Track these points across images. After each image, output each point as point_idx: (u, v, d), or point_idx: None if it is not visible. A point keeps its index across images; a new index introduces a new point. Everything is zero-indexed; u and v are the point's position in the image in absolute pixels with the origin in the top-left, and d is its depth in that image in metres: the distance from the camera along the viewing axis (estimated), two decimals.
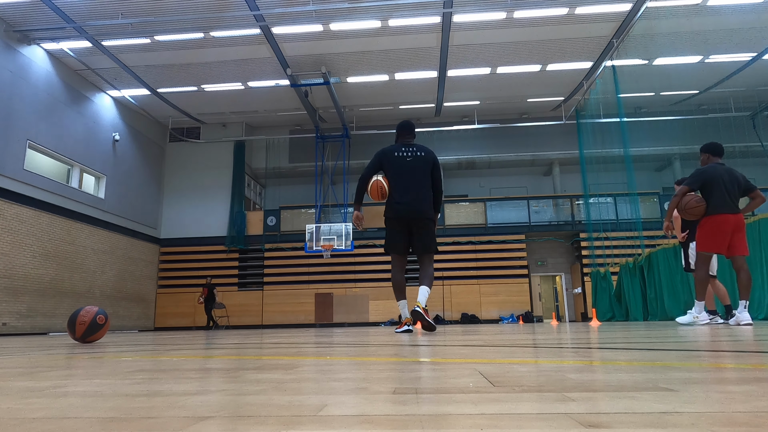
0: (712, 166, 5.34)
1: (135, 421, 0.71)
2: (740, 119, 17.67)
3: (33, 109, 13.27)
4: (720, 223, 5.18)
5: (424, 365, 1.45)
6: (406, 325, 4.80)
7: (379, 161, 4.98)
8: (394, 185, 4.85)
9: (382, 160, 4.96)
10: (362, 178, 4.97)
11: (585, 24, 13.44)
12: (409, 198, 4.78)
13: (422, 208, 4.81)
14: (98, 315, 3.87)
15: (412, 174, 4.83)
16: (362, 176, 4.98)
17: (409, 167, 4.85)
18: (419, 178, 4.84)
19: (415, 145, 5.01)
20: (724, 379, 1.03)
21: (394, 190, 4.85)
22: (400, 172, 4.85)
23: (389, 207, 4.85)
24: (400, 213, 4.78)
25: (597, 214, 17.45)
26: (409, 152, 4.92)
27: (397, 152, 4.93)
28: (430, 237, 4.89)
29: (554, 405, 0.75)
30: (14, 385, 1.18)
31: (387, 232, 4.97)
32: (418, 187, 4.83)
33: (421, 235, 4.84)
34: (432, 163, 4.94)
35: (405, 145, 4.98)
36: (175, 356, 2.22)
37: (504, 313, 17.79)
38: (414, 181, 4.82)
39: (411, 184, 4.81)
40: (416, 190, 4.81)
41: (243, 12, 12.50)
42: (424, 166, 4.91)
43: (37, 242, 13.18)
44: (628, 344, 2.37)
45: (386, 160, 4.93)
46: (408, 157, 4.89)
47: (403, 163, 4.87)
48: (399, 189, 4.82)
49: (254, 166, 20.94)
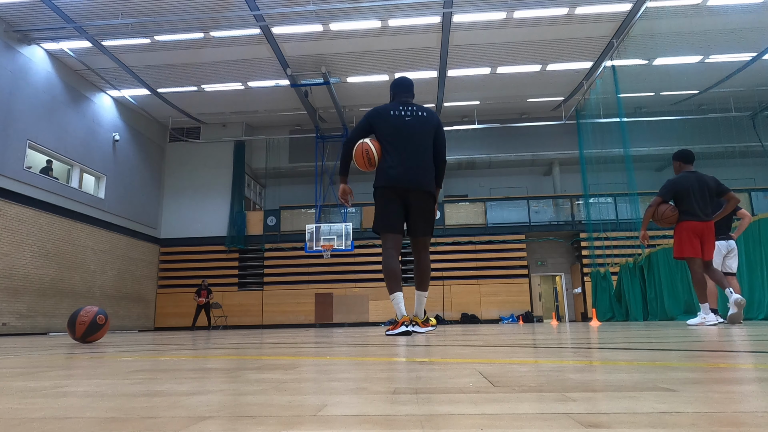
0: (683, 175, 5.63)
1: (135, 421, 0.71)
2: (740, 119, 17.67)
3: (33, 109, 13.27)
4: (688, 229, 5.47)
5: (424, 365, 1.45)
6: (403, 324, 3.91)
7: (369, 122, 4.13)
8: (389, 149, 4.00)
9: (373, 119, 4.11)
10: (347, 142, 4.13)
11: (585, 24, 13.44)
12: (407, 164, 3.96)
13: (423, 177, 3.99)
14: (98, 315, 3.87)
15: (411, 137, 4.01)
16: (347, 139, 4.14)
17: (407, 129, 4.03)
18: (420, 143, 4.03)
19: (416, 105, 4.19)
20: (724, 379, 1.03)
21: (389, 155, 3.99)
22: (397, 134, 4.01)
23: (381, 174, 4.00)
24: (395, 181, 3.92)
25: (597, 214, 17.46)
26: (408, 111, 4.11)
27: (393, 111, 4.10)
28: (430, 216, 4.09)
29: (554, 405, 0.75)
30: (14, 385, 1.18)
31: (378, 206, 4.07)
32: (419, 152, 4.01)
33: (420, 212, 4.03)
34: (436, 127, 4.15)
35: (403, 104, 4.16)
36: (175, 356, 2.22)
37: (504, 313, 17.79)
38: (413, 145, 4.00)
39: (410, 148, 3.99)
40: (416, 156, 3.99)
41: (243, 12, 12.50)
42: (427, 130, 4.08)
43: (37, 242, 13.18)
44: (628, 344, 2.37)
45: (379, 119, 4.09)
46: (407, 117, 4.07)
47: (400, 124, 4.04)
48: (395, 153, 3.98)
49: (254, 166, 20.94)
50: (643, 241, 6.00)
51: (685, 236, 5.46)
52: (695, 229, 5.43)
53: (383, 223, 4.06)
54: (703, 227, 5.43)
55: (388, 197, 4.01)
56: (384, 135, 4.05)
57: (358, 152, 4.04)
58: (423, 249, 4.20)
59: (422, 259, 4.21)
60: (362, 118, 4.20)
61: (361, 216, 19.06)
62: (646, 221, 5.77)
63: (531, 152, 20.14)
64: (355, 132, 4.18)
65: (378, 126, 4.10)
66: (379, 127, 4.09)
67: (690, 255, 5.44)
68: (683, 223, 5.48)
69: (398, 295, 4.05)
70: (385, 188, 4.00)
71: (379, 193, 4.06)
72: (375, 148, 4.02)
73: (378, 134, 4.08)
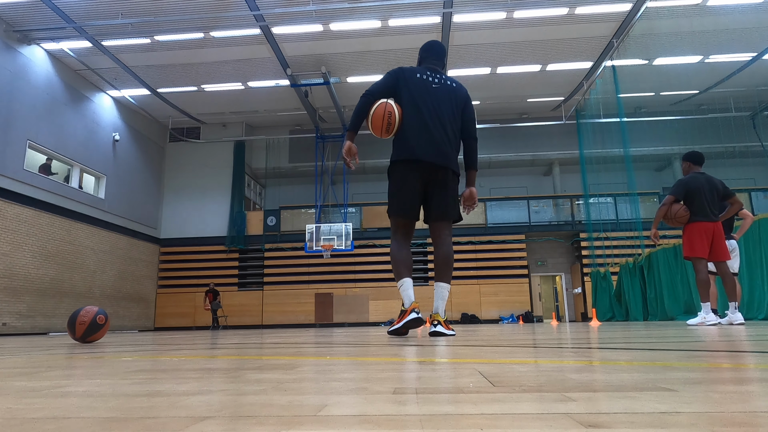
0: (693, 176, 5.70)
1: (135, 421, 0.71)
2: (740, 119, 17.67)
3: (33, 109, 13.28)
4: (700, 229, 5.53)
5: (424, 365, 1.45)
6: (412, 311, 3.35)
7: (394, 80, 3.58)
8: (412, 117, 3.47)
9: (398, 79, 3.57)
10: (367, 95, 3.52)
11: (585, 24, 13.44)
12: (433, 136, 3.44)
13: (450, 154, 3.48)
14: (98, 315, 3.87)
15: (437, 106, 3.51)
16: (368, 92, 3.53)
17: (435, 97, 3.53)
18: (447, 113, 3.52)
19: (445, 75, 3.71)
20: (724, 379, 1.03)
21: (411, 124, 3.46)
22: (422, 101, 3.50)
23: (401, 146, 3.48)
24: (418, 155, 3.39)
25: (597, 214, 17.46)
26: (436, 78, 3.61)
27: (420, 74, 3.60)
28: (453, 198, 3.57)
29: (554, 405, 0.75)
30: (14, 385, 1.18)
31: (393, 184, 3.53)
32: (445, 125, 3.50)
33: (445, 193, 3.50)
34: (465, 100, 3.66)
35: (431, 70, 3.66)
36: (175, 356, 2.22)
37: (504, 313, 17.79)
38: (439, 115, 3.49)
39: (435, 118, 3.48)
40: (443, 129, 3.48)
41: (243, 12, 12.50)
42: (455, 100, 3.59)
43: (37, 242, 13.18)
44: (628, 344, 2.37)
45: (404, 80, 3.56)
46: (434, 84, 3.58)
47: (426, 90, 3.54)
48: (418, 123, 3.46)
49: (254, 166, 20.94)
50: (654, 239, 6.06)
51: (696, 236, 5.53)
52: (706, 230, 5.52)
53: (398, 205, 3.50)
54: (713, 228, 5.54)
55: (407, 174, 3.45)
56: (407, 100, 3.51)
57: (379, 112, 3.45)
58: (445, 235, 3.57)
59: (445, 243, 3.56)
60: (386, 75, 3.63)
61: (361, 216, 19.06)
62: (658, 220, 5.83)
63: (531, 152, 20.14)
64: (378, 87, 3.56)
65: (402, 87, 3.55)
66: (403, 89, 3.54)
67: (700, 255, 5.52)
68: (694, 223, 5.56)
69: (407, 281, 3.46)
70: (406, 163, 3.44)
71: (397, 169, 3.48)
72: (398, 114, 3.48)
73: (400, 98, 3.53)
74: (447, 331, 3.39)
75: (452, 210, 3.58)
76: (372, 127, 3.51)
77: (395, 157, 3.51)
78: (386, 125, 3.46)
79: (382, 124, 3.46)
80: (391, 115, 3.45)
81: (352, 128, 3.53)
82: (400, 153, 3.47)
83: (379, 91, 3.54)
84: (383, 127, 3.47)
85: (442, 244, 3.57)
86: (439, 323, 3.39)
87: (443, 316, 3.44)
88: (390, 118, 3.45)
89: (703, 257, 5.53)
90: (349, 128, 3.54)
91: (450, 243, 3.60)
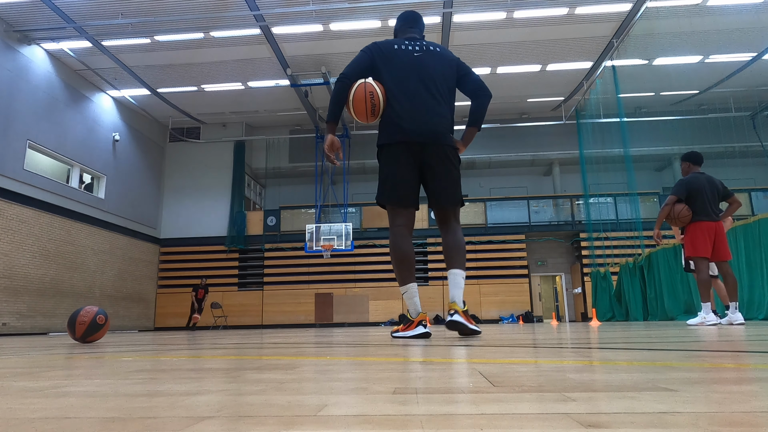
0: (694, 176, 5.74)
1: (135, 421, 0.71)
2: (740, 119, 17.67)
3: (33, 109, 13.28)
4: (702, 229, 5.58)
5: (424, 365, 1.45)
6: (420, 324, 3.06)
7: (369, 56, 3.21)
8: (396, 94, 3.12)
9: (374, 54, 3.21)
10: (342, 78, 3.15)
11: (585, 24, 13.44)
12: (422, 112, 3.09)
13: (443, 129, 3.13)
14: (98, 315, 3.87)
15: (423, 75, 3.15)
16: (342, 75, 3.17)
17: (419, 66, 3.17)
18: (436, 82, 3.16)
19: (426, 41, 3.35)
20: (724, 379, 1.03)
21: (396, 101, 3.11)
22: (404, 74, 3.14)
23: (388, 127, 3.12)
24: (408, 134, 3.06)
25: (597, 214, 17.46)
26: (416, 45, 3.26)
27: (398, 45, 3.24)
28: (456, 178, 3.19)
29: (554, 405, 0.75)
30: (14, 385, 1.18)
31: (384, 170, 3.16)
32: (435, 96, 3.14)
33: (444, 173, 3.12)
34: (456, 63, 3.33)
35: (410, 39, 3.31)
36: (175, 356, 2.22)
37: (504, 313, 17.79)
38: (427, 85, 3.14)
39: (423, 89, 3.13)
40: (432, 101, 3.12)
41: (243, 12, 12.51)
42: (443, 67, 3.23)
43: (37, 242, 13.18)
44: (628, 344, 2.37)
45: (381, 55, 3.20)
46: (416, 52, 3.22)
47: (409, 60, 3.18)
48: (404, 99, 3.10)
49: (254, 166, 20.94)
50: (657, 240, 6.08)
51: (699, 236, 5.57)
52: (708, 229, 5.57)
53: (392, 193, 3.12)
54: (715, 227, 5.58)
55: (398, 158, 3.09)
56: (389, 75, 3.15)
57: (359, 95, 3.10)
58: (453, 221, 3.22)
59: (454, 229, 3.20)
60: (360, 52, 3.25)
61: (361, 216, 19.06)
62: (661, 220, 5.85)
63: (531, 152, 20.14)
64: (352, 67, 3.18)
65: (380, 64, 3.18)
66: (381, 65, 3.18)
67: (703, 254, 5.55)
68: (697, 223, 5.60)
69: (412, 287, 3.12)
70: (396, 145, 3.09)
71: (387, 153, 3.14)
72: (381, 92, 3.13)
73: (380, 75, 3.18)
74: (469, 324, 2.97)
75: (456, 192, 3.18)
76: (355, 113, 3.16)
77: (383, 141, 3.15)
78: (370, 108, 3.11)
79: (365, 107, 3.10)
80: (374, 95, 3.09)
81: (332, 118, 3.17)
82: (388, 136, 3.11)
83: (355, 72, 3.17)
84: (367, 110, 3.11)
85: (450, 231, 3.20)
86: (457, 312, 2.98)
87: (462, 306, 3.02)
88: (373, 98, 3.09)
89: (705, 257, 5.55)
90: (327, 119, 3.18)
91: (459, 229, 3.22)
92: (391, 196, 3.14)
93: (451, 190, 3.15)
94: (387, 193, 3.15)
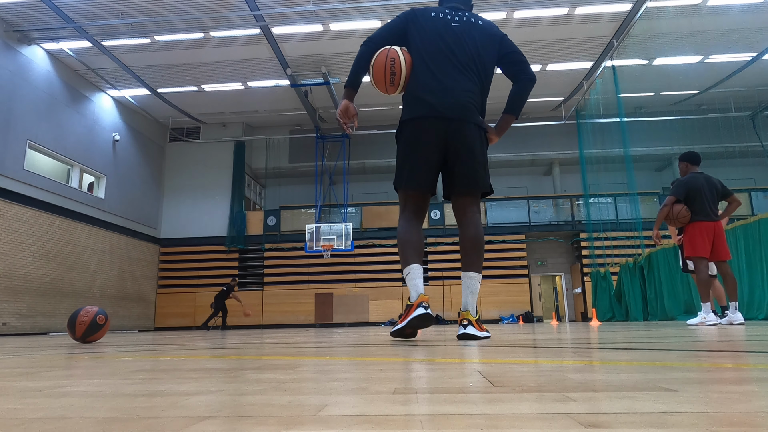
0: (693, 176, 5.74)
1: (135, 421, 0.71)
2: (740, 119, 17.68)
3: (33, 109, 13.28)
4: (701, 229, 5.59)
5: (424, 365, 1.45)
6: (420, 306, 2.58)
7: (403, 23, 2.94)
8: (426, 64, 2.83)
9: (408, 21, 2.93)
10: (368, 42, 2.90)
11: (585, 24, 13.44)
12: (450, 86, 2.79)
13: (470, 105, 2.84)
14: (98, 315, 3.87)
15: (457, 48, 2.83)
16: (369, 39, 2.91)
17: (453, 37, 2.85)
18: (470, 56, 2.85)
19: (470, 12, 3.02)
20: (724, 379, 1.03)
21: (424, 73, 2.82)
22: (436, 45, 2.84)
23: (412, 101, 2.84)
24: (433, 109, 2.76)
25: (597, 214, 17.46)
26: (456, 16, 2.93)
27: (436, 13, 2.94)
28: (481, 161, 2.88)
29: (554, 405, 0.75)
30: (14, 385, 1.18)
31: (403, 149, 2.89)
32: (469, 71, 2.85)
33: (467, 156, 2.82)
34: (500, 38, 2.96)
35: (452, 8, 2.97)
36: (175, 356, 2.22)
37: (504, 313, 17.79)
38: (460, 59, 2.83)
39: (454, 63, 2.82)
40: (464, 76, 2.83)
41: (243, 12, 12.51)
42: (483, 40, 2.90)
43: (37, 242, 13.18)
44: (628, 344, 2.37)
45: (415, 23, 2.91)
46: (454, 22, 2.90)
47: (444, 30, 2.86)
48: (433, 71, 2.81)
49: (254, 166, 20.94)
50: (656, 240, 6.08)
51: (698, 236, 5.58)
52: (708, 229, 5.57)
53: (409, 174, 2.84)
54: (714, 227, 5.59)
55: (420, 135, 2.80)
56: (420, 45, 2.86)
57: (380, 61, 2.83)
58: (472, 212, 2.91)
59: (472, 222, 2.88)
60: (396, 17, 2.98)
61: (361, 216, 19.06)
62: (660, 221, 5.85)
63: (531, 152, 20.15)
64: (381, 32, 2.93)
65: (413, 32, 2.89)
66: (414, 33, 2.89)
67: (702, 254, 5.56)
68: (696, 223, 5.61)
69: (415, 267, 2.79)
70: (418, 121, 2.80)
71: (408, 130, 2.85)
72: (405, 61, 2.84)
73: (412, 45, 2.89)
74: (480, 333, 2.78)
75: (481, 179, 2.88)
76: (374, 80, 2.89)
77: (405, 116, 2.86)
78: (389, 76, 2.82)
79: (384, 74, 2.82)
80: (395, 62, 2.80)
81: (350, 84, 2.92)
82: (411, 111, 2.82)
83: (383, 37, 2.90)
84: (386, 79, 2.83)
85: (469, 223, 2.87)
86: (470, 323, 2.77)
87: (475, 314, 2.81)
88: (393, 66, 2.80)
89: (705, 257, 5.55)
90: (346, 84, 2.93)
91: (479, 222, 2.91)
92: (407, 180, 2.85)
93: (477, 174, 2.86)
94: (404, 173, 2.87)
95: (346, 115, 2.97)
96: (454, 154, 2.82)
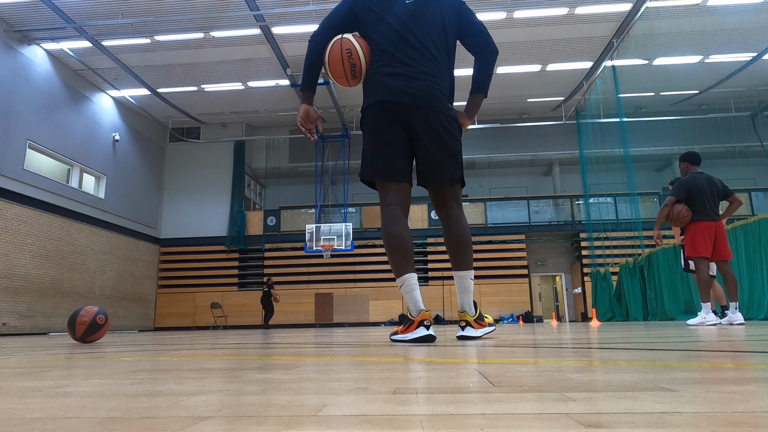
0: (693, 176, 5.73)
1: (135, 421, 0.71)
2: (740, 119, 17.68)
3: (33, 109, 13.28)
4: (702, 229, 5.58)
5: (424, 365, 1.45)
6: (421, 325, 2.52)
7: (347, 8, 2.71)
8: (384, 49, 2.63)
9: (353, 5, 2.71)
10: (314, 36, 2.69)
11: (585, 24, 13.44)
12: (409, 67, 2.60)
13: (431, 88, 2.62)
14: (98, 315, 3.87)
15: (413, 26, 2.64)
16: (314, 33, 2.70)
17: (407, 14, 2.65)
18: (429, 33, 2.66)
19: None
20: (724, 379, 1.03)
21: (383, 58, 2.63)
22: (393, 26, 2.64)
23: (373, 87, 2.64)
24: (395, 94, 2.57)
25: (597, 214, 17.46)
26: None
27: None
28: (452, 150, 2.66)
29: (554, 405, 0.75)
30: (14, 385, 1.18)
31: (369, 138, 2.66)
32: (427, 48, 2.65)
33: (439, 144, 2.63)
34: (457, 9, 2.78)
35: None
36: (175, 356, 2.22)
37: (504, 313, 17.79)
38: (418, 38, 2.63)
39: (411, 43, 2.62)
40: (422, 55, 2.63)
41: (243, 12, 12.50)
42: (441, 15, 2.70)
43: (37, 242, 13.18)
44: (628, 344, 2.37)
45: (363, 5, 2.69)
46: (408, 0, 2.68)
47: (398, 9, 2.66)
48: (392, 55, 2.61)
49: (254, 166, 20.94)
50: (657, 240, 6.07)
51: (699, 235, 5.58)
52: (709, 229, 5.57)
53: (378, 165, 2.63)
54: (715, 227, 5.59)
55: (381, 121, 2.60)
56: (373, 29, 2.66)
57: (335, 54, 2.62)
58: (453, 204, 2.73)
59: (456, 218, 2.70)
60: (340, 2, 2.75)
61: (361, 216, 19.07)
62: (660, 221, 5.85)
63: (531, 152, 20.15)
64: (329, 21, 2.69)
65: (363, 14, 2.68)
66: (365, 16, 2.68)
67: (703, 254, 5.56)
68: (697, 223, 5.60)
69: (409, 278, 2.59)
70: (379, 107, 2.60)
71: (371, 118, 2.64)
72: (363, 49, 2.64)
73: (364, 30, 2.69)
74: (478, 332, 2.69)
75: (455, 166, 2.67)
76: (333, 76, 2.69)
77: (368, 102, 2.65)
78: (349, 69, 2.63)
79: (343, 68, 2.63)
80: (351, 53, 2.60)
81: (307, 86, 2.73)
82: (372, 96, 2.62)
83: (331, 26, 2.68)
84: (346, 72, 2.64)
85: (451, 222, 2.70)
86: (468, 324, 2.69)
87: (473, 314, 2.72)
88: (351, 57, 2.60)
89: (706, 257, 5.55)
90: (302, 87, 2.75)
91: (461, 218, 2.72)
92: (376, 169, 2.63)
93: (446, 165, 2.64)
94: (371, 165, 2.64)
95: (308, 120, 2.78)
96: (419, 144, 2.62)
